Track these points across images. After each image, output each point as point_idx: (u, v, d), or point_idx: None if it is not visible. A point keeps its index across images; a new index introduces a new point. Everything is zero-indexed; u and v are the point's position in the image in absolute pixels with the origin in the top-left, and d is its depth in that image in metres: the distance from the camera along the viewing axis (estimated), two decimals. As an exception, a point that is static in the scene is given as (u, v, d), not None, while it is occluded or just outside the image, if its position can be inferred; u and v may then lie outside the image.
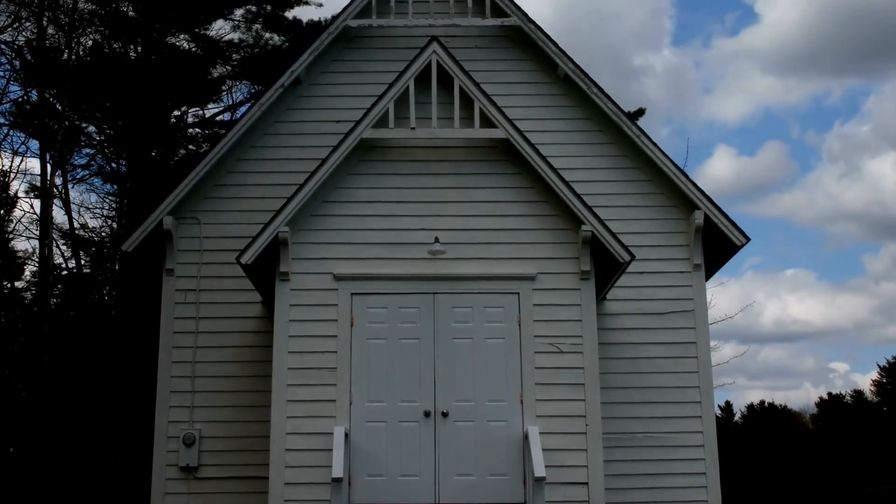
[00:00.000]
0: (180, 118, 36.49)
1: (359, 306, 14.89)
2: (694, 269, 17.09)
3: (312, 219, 15.12)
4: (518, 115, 16.75)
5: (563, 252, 15.10)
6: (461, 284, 14.95)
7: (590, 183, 17.01)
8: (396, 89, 15.55)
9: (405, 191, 15.37)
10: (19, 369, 31.64)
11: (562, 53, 17.70)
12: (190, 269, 17.17)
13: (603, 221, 14.98)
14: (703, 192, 17.11)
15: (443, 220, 15.18)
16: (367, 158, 15.47)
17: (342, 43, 18.09)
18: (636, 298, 17.04)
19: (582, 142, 17.77)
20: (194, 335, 16.90)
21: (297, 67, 17.63)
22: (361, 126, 15.31)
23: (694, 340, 16.84)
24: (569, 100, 17.92)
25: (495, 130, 15.38)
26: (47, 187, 32.25)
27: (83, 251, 34.86)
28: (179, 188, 17.13)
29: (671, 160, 17.30)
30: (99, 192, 36.82)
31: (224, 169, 17.52)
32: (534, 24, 17.81)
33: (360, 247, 15.08)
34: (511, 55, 18.18)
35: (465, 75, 15.63)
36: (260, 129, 17.69)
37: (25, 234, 34.88)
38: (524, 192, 15.38)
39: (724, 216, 17.00)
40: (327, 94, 17.98)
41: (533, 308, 14.85)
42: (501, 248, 15.11)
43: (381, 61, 17.92)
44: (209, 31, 36.73)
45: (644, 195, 17.50)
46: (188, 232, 17.27)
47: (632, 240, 16.26)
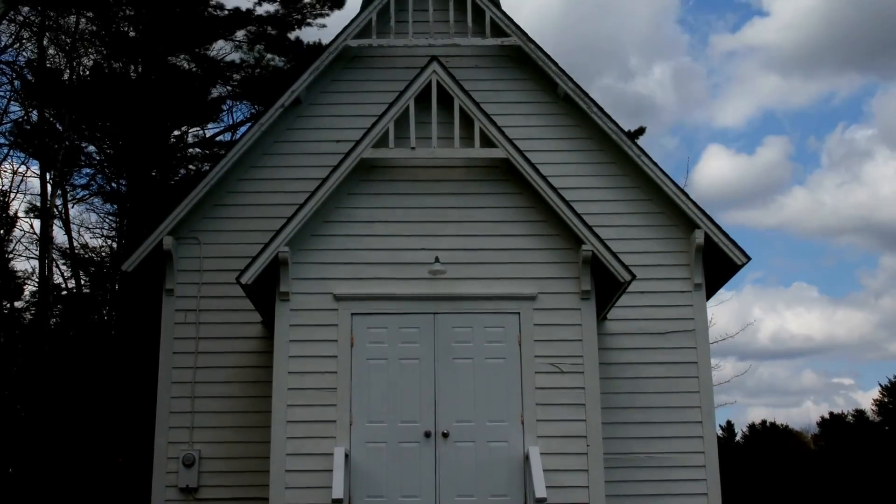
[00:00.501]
0: (180, 138, 36.53)
1: (359, 326, 14.85)
2: (694, 288, 17.06)
3: (313, 239, 15.10)
4: (518, 134, 16.76)
5: (563, 272, 15.08)
6: (461, 304, 14.92)
7: (590, 202, 17.00)
8: (396, 109, 15.55)
9: (405, 210, 15.36)
10: (19, 389, 31.58)
11: (562, 73, 17.72)
12: (190, 290, 17.13)
13: (603, 241, 14.95)
14: (704, 211, 17.09)
15: (443, 239, 15.16)
16: (368, 178, 15.45)
17: (342, 63, 18.10)
18: (637, 318, 17.00)
19: (582, 161, 17.76)
20: (194, 355, 16.86)
21: (297, 87, 17.63)
22: (361, 146, 15.30)
23: (695, 360, 16.80)
24: (569, 119, 17.91)
25: (495, 150, 15.38)
26: (47, 207, 32.27)
27: (83, 271, 34.84)
28: (179, 208, 17.12)
29: (671, 179, 17.29)
30: (99, 212, 36.83)
31: (224, 189, 17.51)
32: (534, 44, 17.83)
33: (360, 267, 15.05)
34: (511, 75, 18.18)
35: (465, 95, 15.63)
36: (260, 149, 17.68)
37: (25, 254, 34.79)
38: (524, 211, 15.37)
39: (724, 235, 16.98)
40: (327, 113, 17.97)
41: (533, 328, 14.81)
42: (502, 268, 15.08)
43: (381, 81, 17.94)
44: (210, 51, 36.78)
45: (644, 214, 17.47)
46: (188, 252, 17.25)
47: (632, 259, 16.25)
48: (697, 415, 16.62)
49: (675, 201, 17.20)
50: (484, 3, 17.98)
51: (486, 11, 17.93)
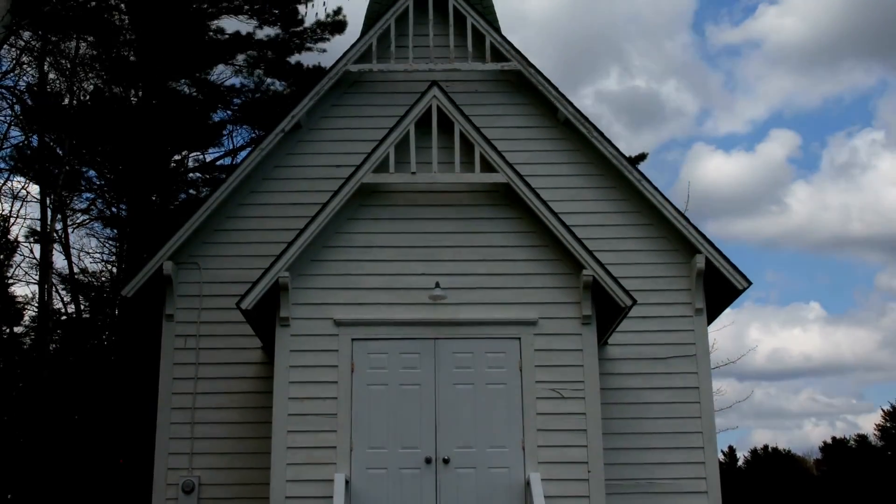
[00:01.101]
0: (181, 162, 36.54)
1: (359, 352, 14.81)
2: (696, 313, 17.01)
3: (313, 264, 15.08)
4: (519, 159, 16.76)
5: (564, 297, 15.05)
6: (462, 330, 14.88)
7: (591, 227, 16.98)
8: (397, 134, 15.55)
9: (406, 235, 15.34)
10: (18, 415, 31.48)
11: (562, 98, 17.72)
12: (190, 315, 17.09)
13: (604, 266, 14.92)
14: (705, 235, 17.07)
15: (443, 264, 15.14)
16: (368, 203, 15.44)
17: (343, 87, 18.10)
18: (638, 343, 16.95)
19: (583, 186, 17.73)
20: (194, 381, 16.80)
21: (297, 112, 17.63)
22: (362, 171, 15.29)
23: (696, 385, 16.73)
24: (569, 144, 17.90)
25: (496, 175, 15.37)
26: (47, 232, 32.25)
27: (83, 296, 34.78)
28: (179, 233, 17.09)
29: (672, 204, 17.27)
30: (99, 237, 36.86)
31: (224, 214, 17.49)
32: (534, 69, 17.83)
33: (360, 292, 15.02)
34: (511, 99, 18.19)
35: (466, 120, 15.63)
36: (260, 174, 17.67)
37: (25, 279, 34.77)
38: (525, 236, 15.34)
39: (725, 260, 16.95)
40: (328, 138, 17.97)
41: (534, 353, 14.77)
42: (502, 293, 15.05)
43: (381, 106, 17.94)
44: (210, 75, 36.82)
45: (645, 239, 17.44)
46: (188, 277, 17.21)
47: (633, 284, 16.21)
48: (699, 440, 16.55)
49: (676, 226, 17.17)
50: (484, 28, 18.00)
51: (487, 36, 17.94)
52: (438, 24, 18.14)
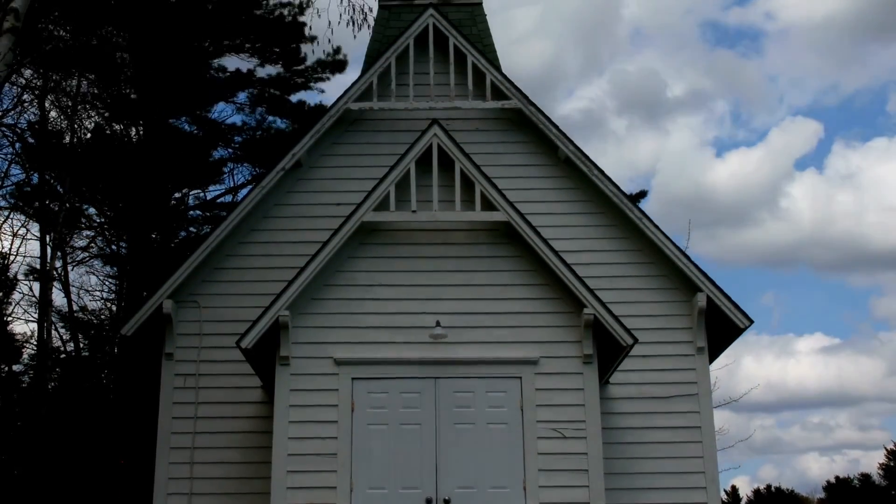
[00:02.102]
0: (181, 200, 36.55)
1: (359, 391, 14.75)
2: (697, 352, 16.94)
3: (313, 302, 15.04)
4: (519, 197, 16.71)
5: (565, 336, 15.00)
6: (463, 369, 14.82)
7: (591, 266, 16.94)
8: (397, 172, 15.55)
9: (406, 274, 15.32)
10: (16, 453, 31.33)
11: (562, 136, 17.72)
12: (189, 353, 17.02)
13: (605, 304, 14.89)
14: (706, 273, 17.02)
15: (444, 303, 15.11)
16: (368, 241, 15.43)
17: (343, 125, 18.11)
18: (639, 382, 16.86)
19: (583, 224, 17.71)
20: (193, 420, 16.71)
21: (298, 150, 17.64)
22: (362, 209, 15.29)
23: (698, 425, 16.63)
24: (570, 182, 17.89)
25: (496, 213, 15.36)
26: (47, 270, 32.22)
27: (82, 334, 34.69)
28: (179, 271, 17.05)
29: (673, 242, 17.24)
30: (98, 275, 36.73)
31: (224, 252, 17.45)
32: (534, 107, 17.85)
33: (360, 331, 14.98)
34: (512, 137, 18.19)
35: (466, 158, 15.64)
36: (261, 212, 17.65)
37: (24, 317, 34.73)
38: (526, 275, 15.32)
39: (726, 298, 16.89)
40: (328, 176, 17.96)
41: (535, 392, 14.71)
42: (503, 332, 15.01)
43: (382, 144, 17.94)
44: (211, 113, 36.91)
45: (646, 277, 17.41)
46: (188, 315, 17.15)
47: (634, 322, 16.11)
48: (701, 480, 16.43)
49: (676, 264, 17.13)
50: (484, 67, 18.03)
51: (487, 74, 17.97)
52: (439, 62, 18.17)
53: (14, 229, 33.92)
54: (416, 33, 18.23)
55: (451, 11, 19.08)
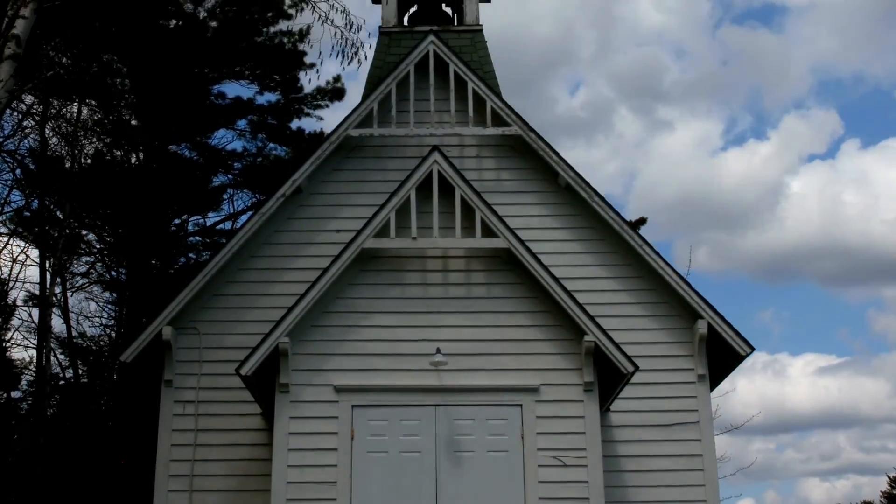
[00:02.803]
0: (181, 226, 36.56)
1: (359, 418, 14.68)
2: (698, 379, 16.88)
3: (313, 329, 15.00)
4: (519, 223, 16.70)
5: (566, 363, 14.96)
6: (463, 396, 14.77)
7: (592, 292, 16.89)
8: (398, 199, 15.55)
9: (407, 301, 15.29)
10: (14, 481, 31.21)
11: (563, 162, 17.72)
12: (189, 380, 16.95)
13: (606, 332, 14.84)
14: (707, 301, 16.99)
15: (444, 330, 15.07)
16: (368, 268, 15.40)
17: (343, 152, 18.10)
18: (640, 410, 16.80)
19: (584, 251, 17.69)
20: (192, 448, 16.63)
21: (298, 177, 17.62)
22: (362, 236, 15.27)
23: (700, 453, 16.55)
24: (570, 208, 17.88)
25: (497, 240, 15.34)
26: (46, 295, 32.17)
27: (81, 360, 34.61)
28: (179, 298, 17.00)
29: (674, 269, 17.21)
30: (98, 301, 36.63)
31: (224, 278, 17.41)
32: (535, 134, 17.85)
33: (360, 358, 14.94)
34: (512, 164, 18.18)
35: (466, 184, 15.64)
36: (261, 239, 17.62)
37: (23, 343, 34.63)
38: (526, 301, 15.30)
39: (727, 325, 16.85)
40: (328, 203, 17.94)
41: (536, 420, 14.65)
42: (503, 359, 14.96)
43: (382, 170, 17.94)
44: (211, 139, 36.97)
45: (647, 304, 17.36)
46: (187, 342, 17.09)
47: (635, 350, 16.05)
48: (703, 509, 16.36)
49: (677, 291, 17.10)
50: (485, 93, 18.04)
51: (487, 101, 17.98)
52: (439, 88, 18.17)
53: (14, 255, 33.83)
54: (416, 60, 18.25)
55: (451, 38, 19.13)
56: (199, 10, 35.51)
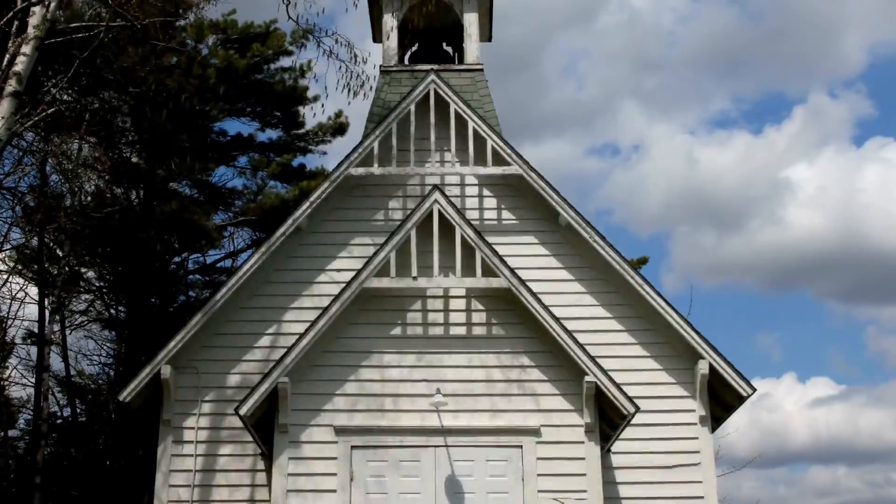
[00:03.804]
0: (181, 264, 36.49)
1: (359, 459, 14.62)
2: (700, 420, 16.78)
3: (313, 369, 14.96)
4: (519, 262, 16.66)
5: (566, 404, 14.91)
6: (463, 437, 14.72)
7: (593, 332, 16.80)
8: (398, 238, 15.53)
9: (407, 340, 15.28)
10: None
11: (563, 202, 17.69)
12: (188, 420, 16.86)
13: (607, 372, 14.79)
14: (708, 341, 16.92)
15: (445, 370, 15.05)
16: (369, 308, 15.37)
17: (344, 190, 18.08)
18: (641, 451, 16.68)
19: (584, 290, 17.63)
20: (191, 489, 16.53)
21: (298, 215, 17.59)
22: (363, 275, 15.24)
23: (702, 495, 16.41)
24: (571, 248, 17.84)
25: (497, 280, 15.31)
26: (45, 333, 32.05)
27: (79, 399, 34.45)
28: (178, 337, 16.92)
29: (675, 309, 17.15)
30: (97, 339, 36.50)
31: (224, 317, 17.34)
32: (535, 173, 17.84)
33: (360, 398, 14.90)
34: (512, 203, 18.17)
35: (467, 224, 15.62)
36: (261, 278, 17.57)
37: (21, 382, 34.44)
38: (526, 342, 15.27)
39: (729, 366, 16.77)
40: (329, 241, 17.90)
41: (537, 462, 14.60)
42: (504, 400, 14.92)
43: (383, 209, 17.93)
44: (212, 177, 36.96)
45: (648, 345, 17.29)
46: (187, 382, 17.00)
47: (636, 391, 15.96)
48: (705, 552, 16.24)
49: (678, 331, 17.03)
50: (485, 133, 18.03)
51: (488, 140, 17.97)
52: (440, 127, 18.17)
53: (13, 292, 33.75)
54: (417, 99, 18.26)
55: (451, 77, 19.14)
56: (201, 46, 35.62)
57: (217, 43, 35.70)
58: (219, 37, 35.72)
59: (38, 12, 15.03)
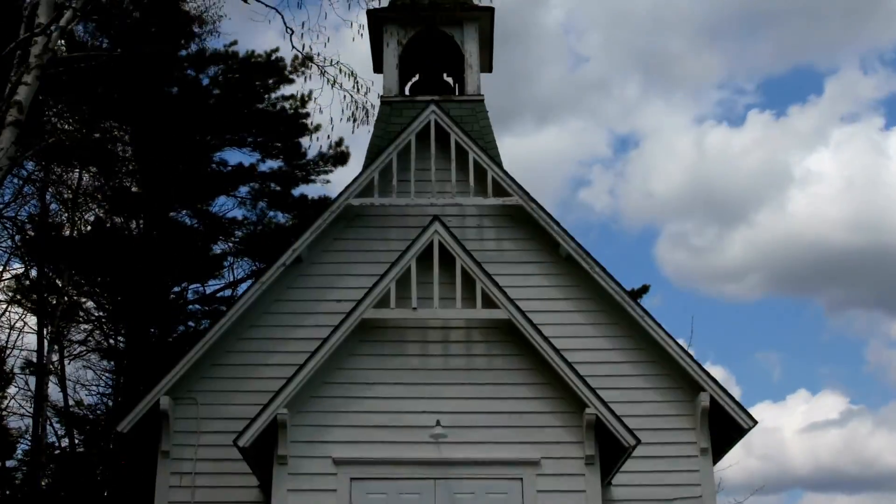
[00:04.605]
0: (180, 294, 36.45)
1: (358, 491, 14.54)
2: (701, 453, 16.71)
3: (312, 400, 14.89)
4: (520, 294, 16.61)
5: (567, 436, 14.83)
6: (463, 469, 14.63)
7: (593, 364, 16.72)
8: (398, 269, 15.50)
9: (407, 372, 15.22)
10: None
11: (563, 233, 17.68)
12: (186, 452, 16.78)
13: (607, 404, 14.72)
14: (709, 373, 16.89)
15: (445, 402, 14.97)
16: (368, 339, 15.32)
17: (344, 221, 18.06)
18: (642, 484, 16.59)
19: (584, 322, 17.59)
20: (188, 520, 16.44)
21: (298, 246, 17.56)
22: (363, 306, 15.20)
23: (704, 528, 16.37)
24: (571, 279, 17.81)
25: (497, 311, 15.27)
26: (43, 363, 32.00)
27: (77, 430, 34.35)
28: (177, 368, 16.87)
29: (675, 341, 17.12)
30: (95, 369, 36.41)
31: (223, 348, 17.29)
32: (535, 204, 17.83)
33: (359, 430, 14.81)
34: (513, 234, 18.15)
35: (467, 255, 15.60)
36: (260, 308, 17.53)
37: (19, 412, 34.34)
38: (527, 373, 15.21)
39: (730, 398, 16.72)
40: (329, 272, 17.88)
41: (537, 495, 14.52)
42: (504, 432, 14.83)
43: (383, 240, 17.90)
44: (212, 207, 36.96)
45: (648, 376, 17.24)
46: (185, 413, 16.93)
47: (637, 423, 15.89)
48: (706, 587, 16.14)
49: (679, 363, 16.98)
50: (486, 163, 18.03)
51: (489, 171, 17.97)
52: (440, 158, 18.16)
53: (12, 322, 33.74)
54: (417, 129, 18.26)
55: (452, 108, 19.15)
56: (202, 76, 35.73)
57: (218, 73, 35.82)
58: (220, 67, 35.84)
59: (41, 42, 15.00)
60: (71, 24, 14.80)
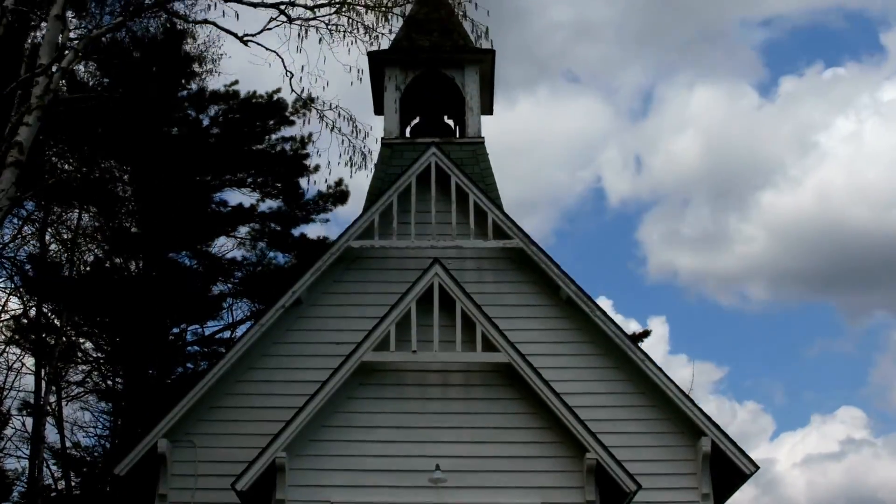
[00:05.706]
0: (179, 336, 36.35)
1: (357, 537, 14.42)
2: (702, 498, 16.59)
3: (310, 444, 14.83)
4: (520, 337, 16.55)
5: (567, 481, 14.77)
6: (463, 514, 14.51)
7: (593, 408, 16.64)
8: (398, 312, 15.46)
9: (406, 416, 15.16)
10: None
11: (564, 276, 17.64)
12: (184, 495, 16.65)
13: (608, 449, 14.65)
14: (710, 418, 16.80)
15: (444, 446, 14.92)
16: (368, 382, 15.28)
17: (344, 263, 18.03)
18: (643, 529, 16.49)
19: (585, 366, 17.52)
20: (186, 565, 16.32)
21: (298, 288, 17.52)
22: (362, 349, 15.16)
23: (706, 577, 16.24)
24: (571, 322, 17.76)
25: (497, 354, 15.22)
26: (41, 404, 31.85)
27: (74, 472, 34.15)
28: (175, 410, 16.78)
29: (676, 385, 17.05)
30: (93, 411, 36.23)
31: (221, 390, 17.21)
32: (536, 247, 17.81)
33: (358, 474, 14.75)
34: (513, 277, 18.12)
35: (467, 298, 15.56)
36: (259, 350, 17.46)
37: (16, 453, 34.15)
38: (527, 417, 15.16)
39: (731, 443, 16.63)
40: (328, 314, 17.83)
41: (537, 540, 14.39)
42: (504, 477, 14.77)
43: (383, 282, 17.85)
44: (212, 248, 36.94)
45: (649, 421, 17.15)
46: (183, 456, 16.82)
47: (637, 467, 15.79)
48: None
49: (680, 407, 16.91)
50: (486, 206, 18.01)
51: (489, 214, 17.95)
52: (441, 200, 18.15)
53: (9, 362, 33.61)
54: (418, 172, 18.26)
55: (453, 150, 19.15)
56: (203, 116, 35.81)
57: (219, 113, 35.89)
58: (221, 106, 35.91)
59: (42, 82, 15.05)
60: (72, 65, 14.82)
